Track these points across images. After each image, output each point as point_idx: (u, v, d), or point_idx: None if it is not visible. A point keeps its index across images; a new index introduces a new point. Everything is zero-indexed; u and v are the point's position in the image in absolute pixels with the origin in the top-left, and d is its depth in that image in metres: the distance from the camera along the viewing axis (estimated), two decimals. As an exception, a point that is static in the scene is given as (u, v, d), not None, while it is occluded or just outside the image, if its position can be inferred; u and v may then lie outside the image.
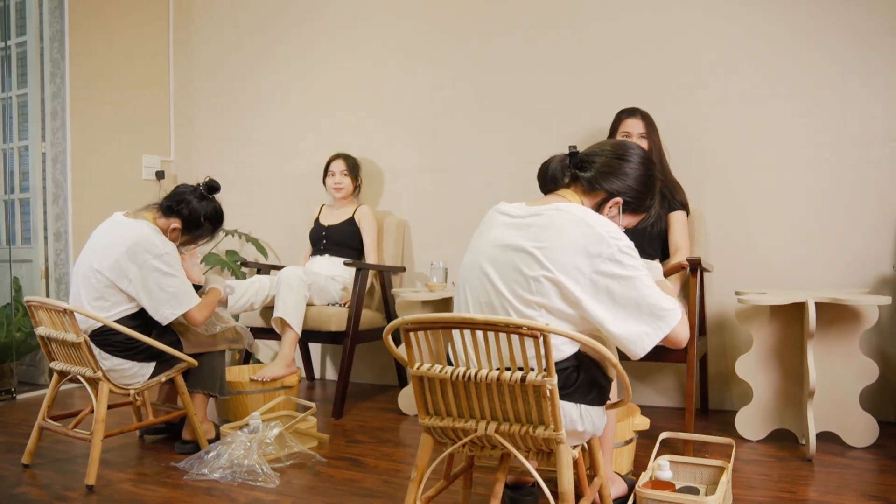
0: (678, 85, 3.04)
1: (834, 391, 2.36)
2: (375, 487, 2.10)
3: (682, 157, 2.95)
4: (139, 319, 2.31)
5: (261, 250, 3.85)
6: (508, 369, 1.40)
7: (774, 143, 2.90)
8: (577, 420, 1.48)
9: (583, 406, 1.50)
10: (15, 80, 3.75)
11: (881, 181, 2.74)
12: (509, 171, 3.39)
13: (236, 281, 2.89)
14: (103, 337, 2.24)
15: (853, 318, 2.34)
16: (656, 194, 1.70)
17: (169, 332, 2.38)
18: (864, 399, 2.39)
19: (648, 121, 2.76)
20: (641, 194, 1.64)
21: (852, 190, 2.78)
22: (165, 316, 2.27)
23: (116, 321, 2.24)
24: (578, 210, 1.50)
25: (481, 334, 1.40)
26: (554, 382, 1.36)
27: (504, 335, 1.37)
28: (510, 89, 3.39)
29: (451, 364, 1.51)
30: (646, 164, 1.66)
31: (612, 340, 1.46)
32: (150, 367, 2.33)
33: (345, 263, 3.04)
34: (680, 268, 2.26)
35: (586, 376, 1.52)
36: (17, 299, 3.61)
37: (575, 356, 1.50)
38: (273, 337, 3.08)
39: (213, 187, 2.47)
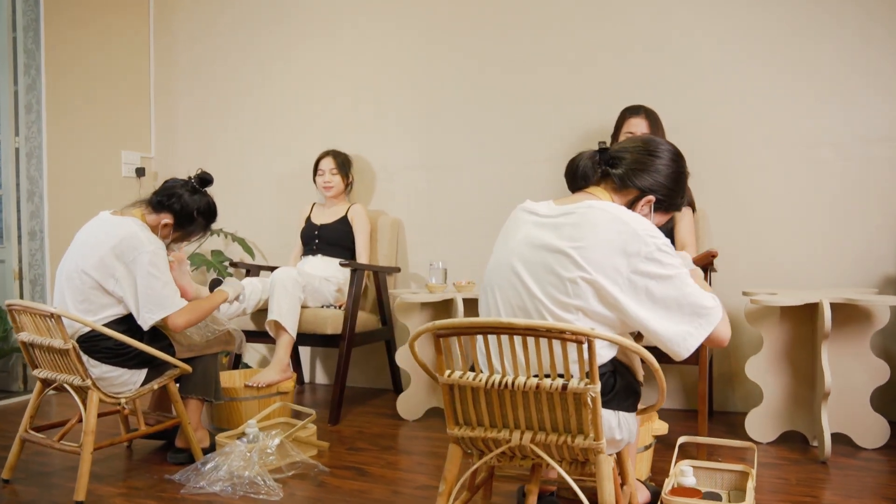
0: (679, 84, 3.01)
1: (845, 392, 2.34)
2: (385, 498, 2.01)
3: (685, 156, 2.90)
4: (128, 323, 2.17)
5: (247, 250, 3.72)
6: (547, 376, 1.33)
7: (777, 142, 2.88)
8: (615, 428, 1.42)
9: (620, 413, 1.44)
10: (-15, 71, 3.56)
11: (884, 181, 2.74)
12: (506, 169, 3.32)
13: (241, 284, 2.72)
14: (91, 343, 2.10)
15: (865, 318, 2.32)
16: (686, 192, 1.64)
17: (160, 335, 2.25)
18: (876, 400, 2.37)
19: (653, 119, 2.71)
20: (673, 192, 1.58)
21: (855, 189, 2.77)
22: (144, 320, 2.13)
23: (104, 326, 2.10)
24: (612, 207, 1.43)
25: (519, 340, 1.33)
26: (597, 390, 1.29)
27: (545, 341, 1.29)
28: (508, 87, 3.32)
29: (473, 370, 1.43)
30: (677, 160, 1.60)
31: (655, 341, 1.40)
32: (142, 373, 2.19)
33: (341, 264, 2.93)
34: (710, 257, 2.19)
35: (623, 382, 1.45)
36: (-12, 302, 3.42)
37: (611, 361, 1.44)
38: (265, 340, 2.96)
39: (205, 180, 2.35)
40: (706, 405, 2.31)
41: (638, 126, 2.68)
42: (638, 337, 1.66)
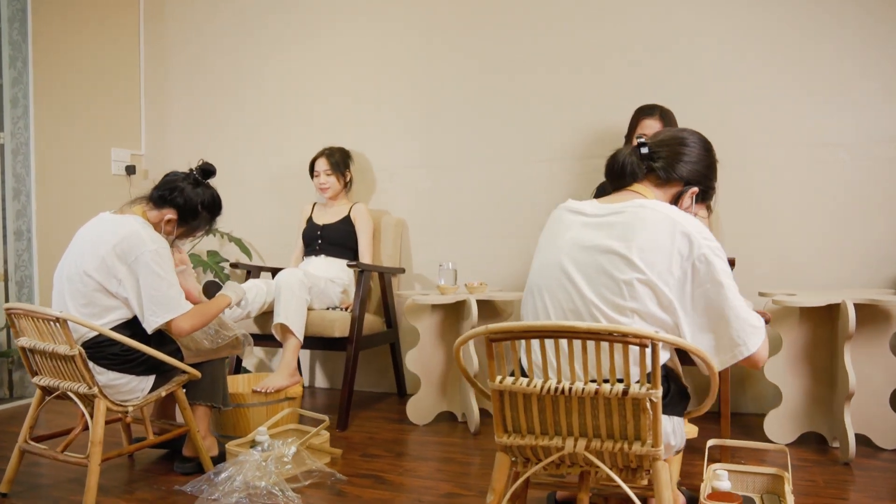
0: (684, 85, 2.98)
1: (864, 393, 2.33)
2: (410, 508, 1.94)
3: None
4: (135, 328, 2.07)
5: (244, 251, 3.61)
6: (605, 381, 1.28)
7: (788, 142, 2.87)
8: (670, 434, 1.37)
9: (674, 418, 1.39)
10: (-33, 63, 3.40)
11: (895, 180, 2.74)
12: (510, 169, 3.26)
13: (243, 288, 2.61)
14: (96, 348, 1.99)
15: (884, 319, 2.32)
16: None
17: (168, 340, 2.15)
18: (895, 401, 2.37)
19: (668, 119, 2.65)
20: (710, 180, 1.55)
21: (868, 189, 2.77)
22: (148, 323, 2.02)
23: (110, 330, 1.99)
24: (664, 207, 1.38)
25: (578, 344, 1.27)
26: (659, 395, 1.24)
27: (606, 344, 1.24)
28: (511, 86, 3.27)
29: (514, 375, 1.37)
30: (707, 147, 1.57)
31: (690, 348, 1.36)
32: (150, 380, 2.09)
33: (348, 265, 2.85)
34: (731, 264, 2.16)
35: (675, 387, 1.41)
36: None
37: (664, 365, 1.39)
38: (270, 344, 2.87)
39: (208, 171, 2.25)
40: (728, 407, 2.29)
41: (651, 128, 2.60)
42: None
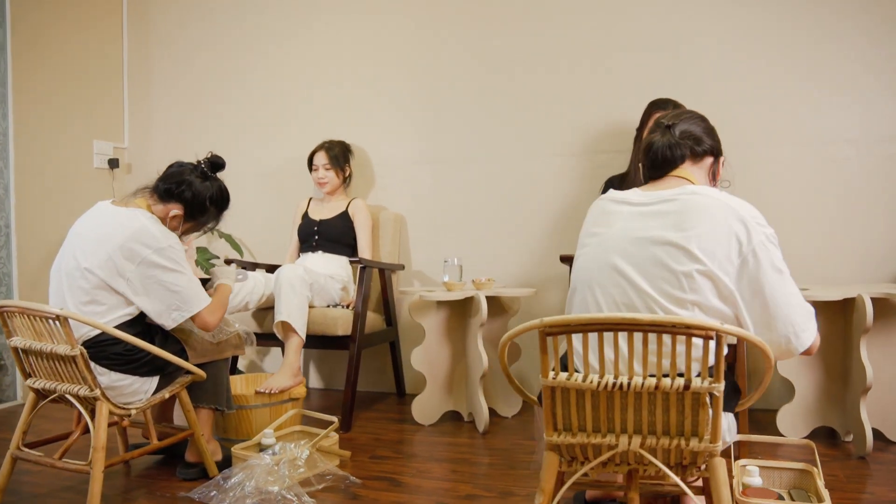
0: (688, 83, 2.96)
1: (877, 387, 2.33)
2: (432, 510, 1.87)
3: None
4: (138, 326, 1.96)
5: (235, 247, 3.49)
6: (665, 375, 1.23)
7: (793, 139, 2.87)
8: (725, 430, 1.33)
9: (728, 414, 1.35)
10: (-60, 49, 3.21)
11: (899, 177, 2.77)
12: (512, 165, 3.21)
13: (241, 271, 2.49)
14: (98, 348, 1.88)
15: (895, 313, 2.33)
16: None
17: (172, 339, 2.04)
18: (906, 394, 2.38)
19: (679, 112, 2.64)
20: (720, 142, 1.56)
21: (871, 186, 2.78)
22: (172, 318, 1.93)
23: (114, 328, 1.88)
24: (717, 193, 1.35)
25: (639, 337, 1.22)
26: (721, 389, 1.20)
27: (668, 337, 1.19)
28: (514, 82, 3.21)
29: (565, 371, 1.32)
30: (701, 114, 1.57)
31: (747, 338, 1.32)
32: (154, 381, 1.98)
33: (351, 261, 2.76)
34: None
35: (729, 382, 1.37)
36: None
37: (717, 359, 1.35)
38: (271, 342, 2.76)
39: (217, 164, 2.14)
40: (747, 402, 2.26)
41: None
42: None
